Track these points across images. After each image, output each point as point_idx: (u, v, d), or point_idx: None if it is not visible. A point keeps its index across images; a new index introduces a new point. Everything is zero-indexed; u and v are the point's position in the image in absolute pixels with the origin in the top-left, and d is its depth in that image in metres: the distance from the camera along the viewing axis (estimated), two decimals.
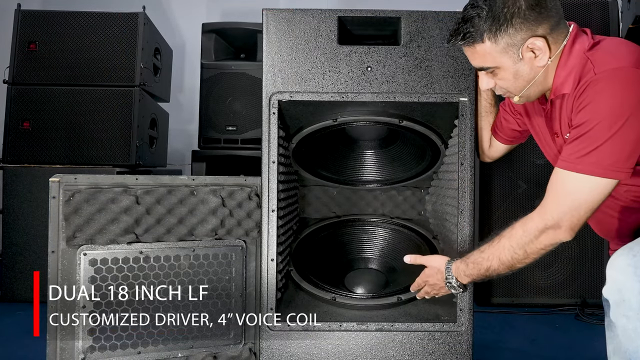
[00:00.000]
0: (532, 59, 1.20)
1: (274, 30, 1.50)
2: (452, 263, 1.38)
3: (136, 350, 1.46)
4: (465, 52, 1.28)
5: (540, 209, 1.18)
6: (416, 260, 1.48)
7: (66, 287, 1.42)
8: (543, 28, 1.18)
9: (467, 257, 1.34)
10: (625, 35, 2.41)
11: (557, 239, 1.17)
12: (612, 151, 1.09)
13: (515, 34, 1.17)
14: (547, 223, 1.16)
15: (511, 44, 1.18)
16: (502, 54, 1.20)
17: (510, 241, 1.23)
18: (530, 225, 1.19)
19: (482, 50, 1.21)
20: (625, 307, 1.04)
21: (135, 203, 1.47)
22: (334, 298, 1.58)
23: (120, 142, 2.61)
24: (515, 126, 1.51)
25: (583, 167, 1.11)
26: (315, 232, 1.85)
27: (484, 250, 1.29)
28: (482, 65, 1.25)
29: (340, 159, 1.87)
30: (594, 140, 1.10)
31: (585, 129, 1.11)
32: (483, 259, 1.28)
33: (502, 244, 1.24)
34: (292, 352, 1.50)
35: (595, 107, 1.10)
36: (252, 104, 2.99)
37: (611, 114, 1.08)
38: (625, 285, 1.03)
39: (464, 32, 1.21)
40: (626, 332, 1.05)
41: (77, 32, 2.63)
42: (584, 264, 2.44)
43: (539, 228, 1.18)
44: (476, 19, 1.19)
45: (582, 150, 1.11)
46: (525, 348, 2.01)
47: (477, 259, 1.30)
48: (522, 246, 1.21)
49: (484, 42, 1.20)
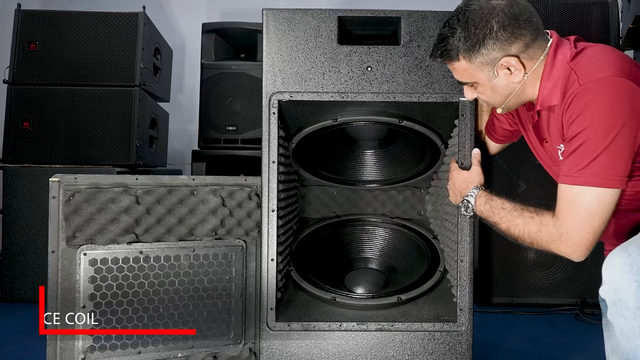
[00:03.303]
0: (507, 75, 1.24)
1: (274, 30, 1.50)
2: (481, 190, 1.40)
3: (136, 350, 1.46)
4: (448, 66, 1.33)
5: (556, 221, 1.18)
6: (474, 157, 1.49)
7: (66, 287, 1.42)
8: (516, 47, 1.21)
9: (493, 198, 1.36)
10: (625, 35, 2.41)
11: (569, 256, 1.17)
12: (609, 161, 1.11)
13: (488, 54, 1.21)
14: (562, 237, 1.16)
15: (484, 63, 1.23)
16: (477, 71, 1.25)
17: (525, 226, 1.24)
18: (546, 230, 1.19)
19: (459, 67, 1.28)
20: (622, 307, 1.04)
21: (135, 203, 1.47)
22: (334, 298, 1.58)
23: (120, 142, 2.61)
24: (507, 126, 1.53)
25: (585, 180, 1.13)
26: (315, 232, 1.85)
27: (505, 208, 1.30)
28: (462, 80, 1.32)
29: (340, 159, 1.87)
30: (590, 152, 1.11)
31: (580, 141, 1.13)
32: (497, 214, 1.31)
33: (517, 221, 1.26)
34: (292, 352, 1.50)
35: (587, 119, 1.12)
36: (252, 104, 2.99)
37: (604, 125, 1.10)
38: (622, 285, 1.03)
39: (442, 50, 1.27)
40: (623, 332, 1.05)
41: (77, 32, 2.64)
42: (584, 264, 2.44)
43: (553, 238, 1.18)
44: (451, 38, 1.24)
45: (581, 163, 1.13)
46: (525, 348, 2.01)
47: (495, 207, 1.32)
48: (531, 238, 1.23)
49: (459, 60, 1.26)
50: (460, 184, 1.47)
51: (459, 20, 1.22)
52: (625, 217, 1.27)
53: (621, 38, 2.48)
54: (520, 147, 1.68)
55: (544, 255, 2.46)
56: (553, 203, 1.21)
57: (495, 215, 1.31)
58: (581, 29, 2.46)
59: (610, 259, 1.08)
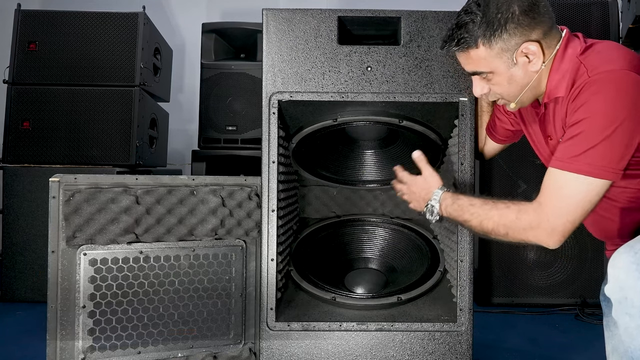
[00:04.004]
0: (526, 63, 1.22)
1: (274, 30, 1.50)
2: (444, 191, 1.38)
3: (136, 350, 1.46)
4: (459, 57, 1.29)
5: (538, 207, 1.18)
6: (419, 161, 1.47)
7: (66, 287, 1.42)
8: (536, 33, 1.19)
9: (458, 196, 1.34)
10: (625, 35, 2.42)
11: (544, 243, 1.17)
12: (606, 152, 1.10)
13: (509, 39, 1.19)
14: (542, 224, 1.16)
15: (505, 49, 1.20)
16: (496, 59, 1.22)
17: (500, 218, 1.22)
18: (525, 217, 1.19)
19: (476, 55, 1.23)
20: (628, 305, 1.04)
21: (135, 203, 1.47)
22: (334, 298, 1.58)
23: (120, 142, 2.61)
24: (508, 126, 1.52)
25: (577, 167, 1.12)
26: (315, 232, 1.85)
27: (473, 204, 1.29)
28: (476, 70, 1.27)
29: (340, 159, 1.87)
30: (588, 141, 1.11)
31: (580, 129, 1.12)
32: (468, 211, 1.29)
33: (491, 214, 1.24)
34: (292, 352, 1.50)
35: (590, 108, 1.11)
36: (252, 104, 2.99)
37: (606, 116, 1.09)
38: (628, 283, 1.03)
39: (458, 38, 1.23)
40: (628, 330, 1.05)
41: (77, 32, 2.64)
42: (584, 264, 2.45)
43: (532, 225, 1.17)
44: (470, 24, 1.21)
45: (576, 150, 1.12)
46: (525, 348, 2.01)
47: (463, 205, 1.31)
48: (507, 228, 1.21)
49: (478, 47, 1.22)
50: (420, 190, 1.44)
51: (478, 6, 1.20)
52: (629, 216, 1.26)
53: (621, 38, 2.48)
54: (520, 147, 1.68)
55: (544, 255, 2.46)
56: None
57: (465, 213, 1.30)
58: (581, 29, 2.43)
59: (615, 257, 1.08)
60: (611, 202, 1.27)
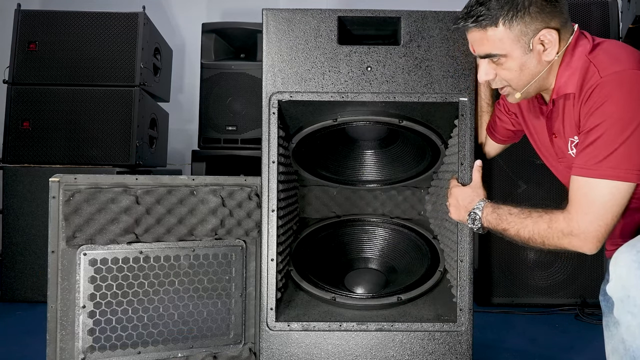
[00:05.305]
0: (540, 52, 1.21)
1: (274, 30, 1.50)
2: (486, 202, 1.39)
3: (136, 350, 1.46)
4: (472, 36, 1.25)
5: (567, 215, 1.17)
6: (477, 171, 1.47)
7: (66, 287, 1.42)
8: (556, 21, 1.19)
9: (498, 206, 1.35)
10: (625, 35, 2.41)
11: (581, 249, 1.17)
12: (628, 154, 1.10)
13: (530, 23, 1.18)
14: (574, 231, 1.16)
15: (524, 33, 1.19)
16: (513, 41, 1.20)
17: (534, 227, 1.23)
18: (556, 225, 1.19)
19: (493, 35, 1.20)
20: (630, 304, 1.04)
21: (135, 203, 1.47)
22: (334, 298, 1.58)
23: (120, 142, 2.61)
24: (509, 126, 1.52)
25: (602, 172, 1.12)
26: (315, 232, 1.85)
27: (512, 214, 1.29)
28: (490, 51, 1.23)
29: (340, 159, 1.87)
30: (608, 145, 1.10)
31: (597, 133, 1.12)
32: (505, 220, 1.29)
33: (526, 223, 1.24)
34: (292, 352, 1.50)
35: (606, 111, 1.11)
36: (252, 104, 2.99)
37: (622, 117, 1.09)
38: (630, 281, 1.03)
39: (478, 14, 1.20)
40: (630, 329, 1.05)
41: (77, 32, 2.64)
42: (584, 264, 2.45)
43: (564, 232, 1.17)
44: (494, 2, 1.18)
45: (598, 156, 1.12)
46: (525, 348, 2.01)
47: (502, 214, 1.31)
48: (542, 237, 1.22)
49: (498, 26, 1.19)
50: (464, 200, 1.44)
51: None
52: (630, 216, 1.26)
53: (621, 38, 2.48)
54: (521, 147, 1.68)
55: (544, 255, 2.46)
56: (552, 203, 1.21)
57: (503, 222, 1.30)
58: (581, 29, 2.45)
59: (617, 256, 1.08)
60: None
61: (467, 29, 1.24)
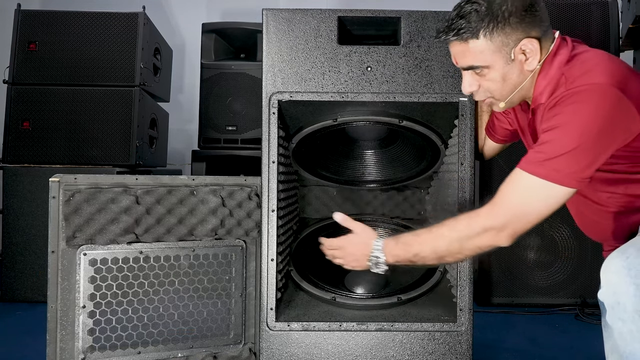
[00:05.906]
0: (522, 62, 1.21)
1: (274, 30, 1.50)
2: (382, 240, 1.34)
3: (136, 350, 1.46)
4: (454, 49, 1.26)
5: (490, 209, 1.18)
6: (345, 221, 1.42)
7: (66, 287, 1.42)
8: (536, 30, 1.19)
9: (398, 236, 1.32)
10: (625, 35, 2.41)
11: (497, 242, 1.18)
12: (575, 161, 1.10)
13: (511, 34, 1.18)
14: (494, 224, 1.16)
15: (505, 43, 1.19)
16: (495, 52, 1.20)
17: (451, 232, 1.21)
18: (475, 220, 1.19)
19: (474, 47, 1.21)
20: (620, 310, 1.03)
21: (135, 203, 1.47)
22: (334, 298, 1.58)
23: (120, 142, 2.61)
24: (507, 126, 1.52)
25: (543, 172, 1.12)
26: (315, 232, 1.84)
27: (419, 235, 1.27)
28: (473, 63, 1.23)
29: (340, 159, 1.87)
30: (559, 148, 1.11)
31: (552, 136, 1.13)
32: (415, 242, 1.27)
33: (441, 232, 1.23)
34: (292, 352, 1.50)
35: (565, 117, 1.12)
36: (252, 104, 2.99)
37: (579, 127, 1.10)
38: (620, 288, 1.03)
39: (459, 27, 1.20)
40: (622, 335, 1.04)
41: (77, 32, 2.63)
42: (584, 264, 2.44)
43: (484, 226, 1.17)
44: (474, 14, 1.19)
45: (545, 156, 1.12)
46: (525, 348, 2.01)
47: (408, 240, 1.28)
48: (460, 240, 1.20)
49: (479, 38, 1.20)
50: (357, 247, 1.37)
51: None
52: (621, 219, 1.27)
53: (621, 38, 2.48)
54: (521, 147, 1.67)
55: (544, 255, 2.46)
56: None
57: (413, 246, 1.26)
58: (581, 29, 2.46)
59: (608, 262, 1.07)
60: (603, 208, 1.28)
61: (449, 41, 1.25)
